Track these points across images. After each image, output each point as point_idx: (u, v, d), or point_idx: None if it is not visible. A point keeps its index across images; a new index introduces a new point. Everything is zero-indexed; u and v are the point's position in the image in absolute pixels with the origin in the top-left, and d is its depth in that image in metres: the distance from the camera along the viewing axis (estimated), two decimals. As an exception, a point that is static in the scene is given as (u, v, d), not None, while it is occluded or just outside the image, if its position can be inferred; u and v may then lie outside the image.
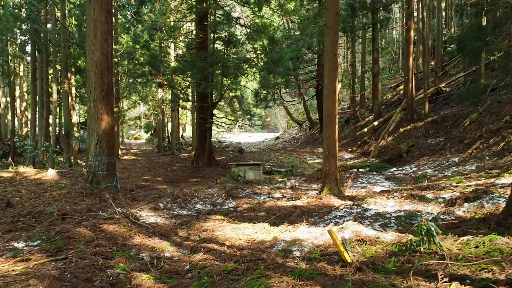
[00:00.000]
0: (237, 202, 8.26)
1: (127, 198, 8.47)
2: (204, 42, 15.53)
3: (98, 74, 8.40)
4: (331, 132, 7.03)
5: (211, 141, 16.64)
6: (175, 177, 14.59)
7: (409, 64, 17.84)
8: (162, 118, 33.72)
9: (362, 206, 5.59)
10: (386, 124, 19.75)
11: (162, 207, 7.98)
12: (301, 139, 29.82)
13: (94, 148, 8.51)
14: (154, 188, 11.12)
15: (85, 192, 8.15)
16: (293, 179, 11.60)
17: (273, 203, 7.48)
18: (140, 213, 7.29)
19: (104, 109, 8.43)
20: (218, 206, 8.07)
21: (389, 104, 24.18)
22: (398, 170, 12.51)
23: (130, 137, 58.57)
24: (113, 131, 8.63)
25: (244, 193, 9.11)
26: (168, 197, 8.84)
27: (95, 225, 5.96)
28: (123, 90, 28.62)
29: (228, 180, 11.14)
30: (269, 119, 66.39)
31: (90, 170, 8.53)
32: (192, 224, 6.47)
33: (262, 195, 8.75)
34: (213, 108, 15.97)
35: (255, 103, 23.24)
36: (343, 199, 6.67)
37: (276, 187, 9.86)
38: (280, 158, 19.63)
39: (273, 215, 6.42)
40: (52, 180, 10.37)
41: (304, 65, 26.64)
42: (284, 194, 8.68)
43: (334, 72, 7.03)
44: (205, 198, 8.84)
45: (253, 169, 10.99)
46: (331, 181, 6.94)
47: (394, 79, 32.75)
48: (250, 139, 43.71)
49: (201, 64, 13.25)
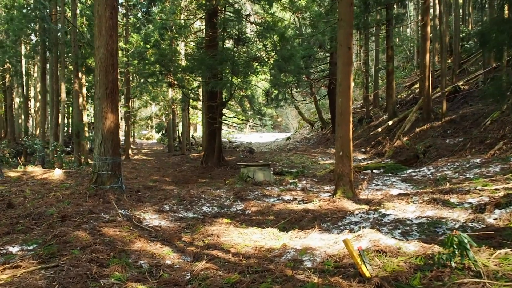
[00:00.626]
0: (245, 204, 7.88)
1: (132, 200, 8.17)
2: (214, 40, 15.21)
3: (103, 72, 8.13)
4: (345, 131, 6.60)
5: (221, 141, 16.30)
6: (184, 177, 14.30)
7: (425, 61, 17.23)
8: (172, 118, 33.56)
9: (379, 211, 5.15)
10: (401, 124, 19.15)
11: (167, 209, 7.66)
12: (313, 139, 29.32)
13: (98, 147, 8.24)
14: (161, 188, 10.83)
15: (89, 193, 7.88)
16: (304, 180, 11.18)
17: (283, 206, 7.08)
18: (144, 216, 6.97)
19: (108, 108, 8.15)
20: (225, 209, 7.71)
21: (404, 103, 23.52)
22: (415, 172, 11.97)
23: (142, 137, 58.76)
24: (118, 130, 8.35)
25: (253, 195, 8.73)
26: (175, 199, 8.52)
27: (95, 228, 5.65)
28: (134, 90, 28.55)
29: (237, 181, 10.78)
30: (280, 119, 65.91)
31: (95, 170, 8.26)
32: (197, 228, 6.12)
33: (272, 197, 8.36)
34: (222, 107, 15.64)
35: (266, 103, 22.82)
36: (358, 203, 6.24)
37: (286, 189, 9.46)
38: (291, 159, 19.21)
39: (283, 220, 6.02)
40: (58, 180, 10.16)
41: (316, 64, 26.14)
42: (295, 197, 8.27)
43: (348, 67, 6.60)
44: (213, 200, 8.49)
45: (263, 169, 10.61)
46: (345, 184, 6.51)
47: (409, 77, 32.02)
48: (261, 139, 43.32)
49: (209, 62, 12.92)
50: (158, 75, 22.84)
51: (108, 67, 8.12)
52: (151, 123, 43.10)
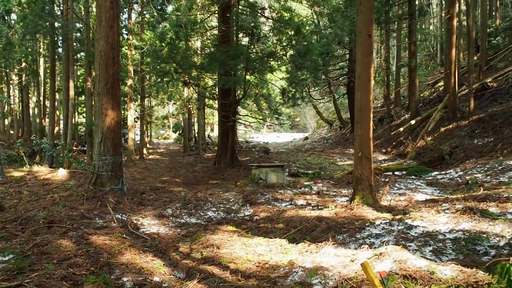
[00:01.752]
0: (254, 209, 7.22)
1: (133, 202, 7.63)
2: (227, 36, 14.61)
3: (103, 65, 7.61)
4: (365, 129, 5.85)
5: (234, 140, 15.68)
6: (195, 178, 13.76)
7: (451, 56, 16.17)
8: (188, 117, 33.23)
9: (405, 222, 4.40)
10: (424, 124, 18.12)
11: (169, 213, 7.07)
12: (331, 139, 28.42)
13: (98, 146, 7.73)
14: (169, 190, 10.28)
15: (87, 195, 7.37)
16: (320, 183, 10.43)
17: (295, 212, 6.38)
18: (142, 221, 6.40)
19: (108, 104, 7.62)
20: (232, 214, 7.06)
21: (427, 102, 22.39)
22: (441, 174, 11.07)
23: (159, 136, 58.87)
24: (119, 128, 7.82)
25: (263, 198, 8.05)
26: (179, 202, 7.93)
27: (83, 236, 5.10)
28: (149, 88, 28.29)
29: (248, 183, 10.12)
30: (298, 119, 64.98)
31: (94, 171, 7.76)
32: (198, 237, 5.49)
33: (284, 202, 7.66)
34: (236, 105, 15.02)
35: (282, 102, 22.09)
36: (379, 211, 5.48)
37: (300, 192, 8.75)
38: (308, 159, 18.44)
39: (293, 228, 5.33)
40: (60, 180, 9.74)
41: (334, 61, 25.22)
42: (309, 201, 7.55)
43: (368, 57, 5.86)
44: (220, 204, 7.86)
45: (276, 171, 9.92)
46: (364, 188, 5.77)
47: (432, 75, 30.72)
48: (278, 139, 42.61)
49: (222, 58, 12.31)
50: (173, 74, 22.45)
51: (109, 61, 7.60)
52: (167, 122, 42.92)
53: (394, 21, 19.94)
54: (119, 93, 7.86)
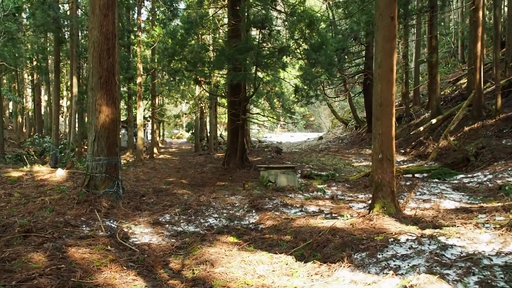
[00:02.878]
0: (261, 216, 6.50)
1: (128, 207, 7.00)
2: (237, 30, 13.90)
3: (96, 58, 6.99)
4: (386, 126, 5.06)
5: (245, 139, 14.96)
6: (202, 179, 13.11)
7: (476, 51, 15.11)
8: (200, 116, 32.69)
9: (437, 240, 3.60)
10: (446, 123, 17.10)
11: (166, 220, 6.40)
12: (346, 139, 27.45)
13: (91, 146, 7.12)
14: (172, 193, 9.65)
15: (78, 199, 6.77)
16: (334, 186, 9.64)
17: (305, 221, 5.63)
18: (134, 229, 5.74)
19: (103, 99, 7.01)
20: (235, 221, 6.35)
21: (448, 100, 21.26)
22: (468, 178, 10.13)
23: (173, 136, 58.71)
24: (115, 126, 7.20)
25: (271, 204, 7.32)
26: (179, 207, 7.27)
27: (61, 248, 4.46)
28: (160, 87, 27.84)
29: (256, 186, 9.40)
30: (312, 118, 63.93)
31: (87, 173, 7.16)
32: (193, 249, 4.80)
33: (293, 208, 6.91)
34: (245, 103, 14.30)
35: (296, 100, 21.27)
36: (403, 222, 4.69)
37: (312, 197, 7.98)
38: (322, 160, 17.61)
39: (302, 242, 4.59)
40: (57, 182, 9.20)
41: (350, 58, 24.26)
42: (321, 208, 6.79)
43: (390, 42, 5.07)
44: (223, 209, 7.16)
45: (286, 173, 9.17)
46: (386, 195, 4.97)
47: (452, 73, 29.45)
48: (292, 139, 41.75)
49: (230, 52, 11.62)
50: (184, 72, 21.88)
51: (103, 53, 6.98)
52: (180, 122, 42.55)
53: (413, 14, 18.88)
54: (115, 88, 7.23)
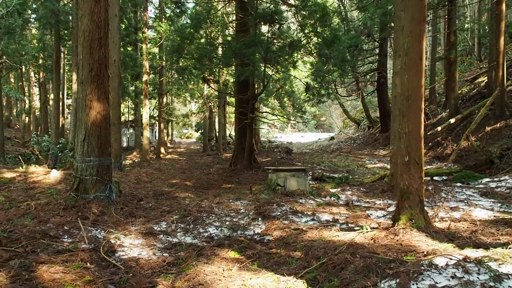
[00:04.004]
0: (267, 225, 5.76)
1: (121, 213, 6.33)
2: (245, 24, 13.21)
3: (87, 48, 6.34)
4: (414, 124, 4.30)
5: (252, 139, 14.25)
6: (208, 181, 12.43)
7: (499, 46, 14.14)
8: (209, 115, 32.09)
9: (486, 266, 2.85)
10: (465, 123, 16.17)
11: (161, 229, 5.72)
12: (359, 140, 26.56)
13: (81, 145, 6.47)
14: (173, 196, 8.98)
15: (66, 204, 6.13)
16: (349, 190, 8.86)
17: (318, 234, 4.88)
18: (123, 240, 5.06)
19: (94, 94, 6.35)
20: (239, 231, 5.63)
21: (466, 99, 20.24)
22: (494, 182, 9.27)
23: (182, 136, 58.35)
24: (107, 123, 6.54)
25: (279, 210, 6.58)
26: (178, 213, 6.58)
27: (30, 265, 3.79)
28: (167, 85, 27.29)
29: (263, 189, 8.67)
30: (324, 118, 62.99)
31: (77, 175, 6.51)
32: (187, 267, 4.09)
33: (304, 216, 6.16)
34: (254, 101, 13.58)
35: (307, 99, 20.45)
36: (436, 238, 3.91)
37: (325, 203, 7.22)
38: (334, 161, 16.81)
39: (315, 261, 3.85)
40: (49, 184, 8.60)
41: (363, 55, 23.34)
42: (336, 216, 6.03)
43: (419, 25, 4.29)
44: (226, 217, 6.45)
45: (297, 176, 8.42)
46: (413, 205, 4.21)
47: (469, 71, 28.34)
48: (303, 139, 40.97)
49: (237, 46, 10.91)
50: (192, 70, 21.24)
51: (94, 42, 6.33)
52: (188, 121, 42.04)
53: (431, 8, 17.93)
54: (108, 82, 6.57)
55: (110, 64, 12.98)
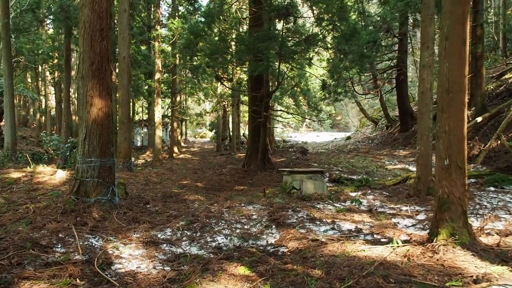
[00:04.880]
0: (282, 234, 5.19)
1: (123, 218, 5.84)
2: (259, 18, 12.64)
3: (87, 40, 5.87)
4: (456, 121, 3.65)
5: (266, 139, 13.67)
6: (220, 183, 11.92)
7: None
8: (223, 115, 31.67)
9: None
10: (493, 121, 15.25)
11: (165, 237, 5.21)
12: (377, 139, 25.69)
13: (81, 145, 6.01)
14: (182, 199, 8.49)
15: (65, 208, 5.68)
16: (370, 194, 8.21)
17: (340, 247, 4.28)
18: (122, 250, 4.56)
19: (95, 90, 5.88)
20: (250, 241, 5.06)
21: (493, 97, 19.22)
22: (532, 186, 8.47)
23: (196, 135, 58.22)
24: (109, 121, 6.07)
25: (295, 217, 6.00)
26: (184, 219, 6.06)
27: (10, 283, 3.32)
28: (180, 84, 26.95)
29: (278, 192, 8.09)
30: (339, 117, 61.96)
31: (77, 177, 6.05)
32: (189, 285, 3.56)
33: (323, 224, 5.56)
34: (268, 98, 13.00)
35: (323, 97, 19.74)
36: (485, 258, 3.27)
37: (345, 209, 6.60)
38: (351, 162, 16.10)
39: (338, 282, 3.26)
40: (54, 185, 8.21)
41: (382, 51, 22.44)
42: (359, 225, 5.41)
43: (463, 6, 3.64)
44: (237, 223, 5.90)
45: (313, 178, 7.81)
46: (456, 217, 3.56)
47: (494, 67, 27.12)
48: (318, 138, 40.18)
49: (250, 41, 10.36)
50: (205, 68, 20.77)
51: (95, 34, 5.85)
52: (202, 120, 41.73)
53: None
54: (110, 77, 6.09)
55: (120, 61, 12.61)
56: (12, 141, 14.67)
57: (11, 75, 14.78)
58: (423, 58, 7.29)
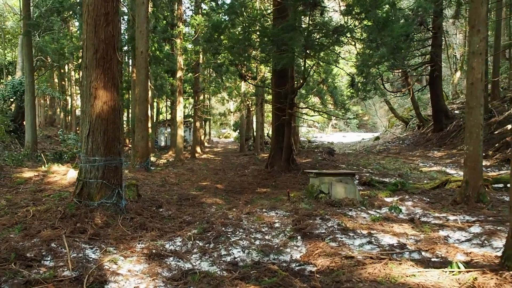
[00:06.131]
0: (309, 248, 4.40)
1: (130, 225, 5.20)
2: (283, 10, 11.86)
3: (91, 25, 5.27)
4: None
5: (290, 138, 12.85)
6: (241, 184, 11.22)
7: None
8: (247, 114, 31.06)
9: None
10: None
11: (174, 248, 4.51)
12: (408, 140, 24.34)
13: (84, 142, 5.42)
14: (199, 202, 7.82)
15: (65, 212, 5.10)
16: (408, 199, 7.27)
17: (382, 270, 3.44)
18: (120, 265, 3.89)
19: (99, 81, 5.27)
20: (271, 256, 4.29)
21: None
22: None
23: (220, 135, 57.94)
24: (115, 116, 5.44)
25: (324, 227, 5.18)
26: (197, 226, 5.36)
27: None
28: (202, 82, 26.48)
29: (303, 196, 7.28)
30: (366, 117, 60.18)
31: (80, 177, 5.46)
32: (194, 316, 2.83)
33: (358, 237, 4.72)
34: (293, 95, 12.18)
35: (351, 94, 18.69)
36: None
37: (382, 217, 5.72)
38: (382, 163, 15.06)
39: (386, 322, 2.45)
40: (63, 186, 7.71)
41: (414, 46, 21.11)
42: (401, 239, 4.53)
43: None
44: (256, 232, 5.15)
45: (344, 181, 6.95)
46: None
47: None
48: (345, 139, 38.90)
49: (273, 32, 9.60)
50: (228, 66, 20.15)
51: (99, 18, 5.24)
52: (225, 120, 41.28)
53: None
54: (117, 67, 5.48)
55: (137, 56, 12.11)
56: (33, 140, 14.47)
57: (32, 73, 14.60)
58: (473, 44, 6.31)
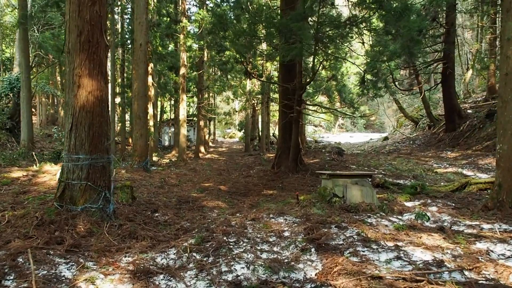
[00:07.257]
0: (326, 264, 3.68)
1: (116, 233, 4.52)
2: (291, 1, 11.17)
3: (75, 4, 4.61)
4: None
5: (298, 137, 12.14)
6: (246, 186, 10.53)
7: None
8: (252, 114, 30.38)
9: None
10: None
11: (166, 262, 3.82)
12: (419, 140, 23.51)
13: (67, 138, 4.75)
14: (200, 205, 7.14)
15: (44, 218, 4.43)
16: (432, 204, 6.53)
17: (424, 297, 2.73)
18: (100, 284, 3.21)
19: (84, 68, 4.60)
20: (281, 273, 3.58)
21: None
22: None
23: (225, 135, 57.32)
24: (102, 108, 4.77)
25: (342, 237, 4.46)
26: (195, 235, 4.68)
27: None
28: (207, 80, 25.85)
29: (315, 200, 6.56)
30: (374, 118, 59.22)
31: (62, 178, 4.79)
32: None
33: (382, 250, 3.99)
34: (301, 91, 11.47)
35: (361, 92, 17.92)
36: None
37: (406, 225, 4.99)
38: (393, 164, 14.30)
39: None
40: (50, 187, 7.06)
41: (426, 43, 20.28)
42: (436, 254, 3.80)
43: None
44: (263, 243, 4.45)
45: (360, 184, 6.22)
46: None
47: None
48: (352, 139, 38.10)
49: (282, 21, 8.89)
50: (233, 63, 19.48)
51: (83, -4, 4.57)
52: (230, 119, 40.62)
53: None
54: (104, 52, 4.80)
55: (136, 48, 11.46)
56: (29, 138, 13.90)
57: (28, 69, 14.02)
58: (508, 29, 5.57)
